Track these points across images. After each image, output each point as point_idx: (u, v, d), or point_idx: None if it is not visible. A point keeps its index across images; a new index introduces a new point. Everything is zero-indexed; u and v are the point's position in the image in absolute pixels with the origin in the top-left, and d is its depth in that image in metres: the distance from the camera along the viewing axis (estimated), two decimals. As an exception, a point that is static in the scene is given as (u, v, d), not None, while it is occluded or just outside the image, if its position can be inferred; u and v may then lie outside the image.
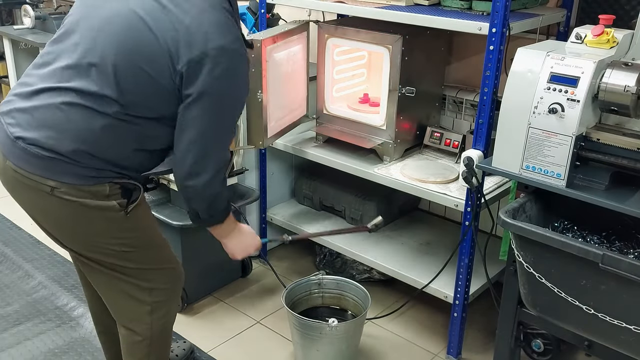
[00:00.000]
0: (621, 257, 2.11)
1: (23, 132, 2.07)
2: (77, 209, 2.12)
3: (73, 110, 2.04)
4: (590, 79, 2.26)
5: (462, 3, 3.00)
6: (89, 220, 2.16)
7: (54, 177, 2.08)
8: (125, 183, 2.19)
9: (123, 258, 2.26)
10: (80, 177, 2.09)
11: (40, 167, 2.07)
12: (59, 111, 2.05)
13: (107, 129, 2.07)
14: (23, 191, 2.18)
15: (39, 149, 2.05)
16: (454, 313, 3.08)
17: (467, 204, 2.86)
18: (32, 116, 2.07)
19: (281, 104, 3.30)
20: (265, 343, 3.32)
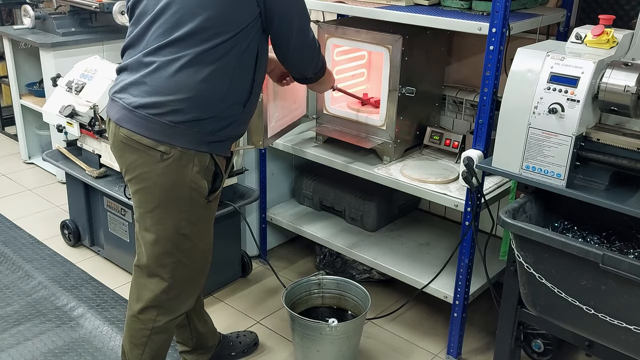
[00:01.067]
0: (621, 257, 2.11)
1: (141, 99, 2.27)
2: (174, 176, 2.33)
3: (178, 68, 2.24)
4: (590, 79, 2.26)
5: (462, 3, 3.00)
6: (179, 190, 2.35)
7: (168, 141, 2.28)
8: (218, 166, 2.43)
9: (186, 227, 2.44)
10: (194, 142, 2.31)
11: (157, 132, 2.27)
12: (164, 74, 2.24)
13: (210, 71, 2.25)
14: (131, 155, 2.36)
15: (157, 116, 2.26)
16: (454, 313, 3.08)
17: (467, 204, 2.86)
18: (145, 85, 2.27)
19: (281, 104, 3.29)
20: (265, 343, 3.32)
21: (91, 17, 4.98)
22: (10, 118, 5.94)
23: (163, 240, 2.42)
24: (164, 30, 2.26)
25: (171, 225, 2.40)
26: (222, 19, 2.23)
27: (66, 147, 4.04)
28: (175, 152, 2.29)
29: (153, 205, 2.38)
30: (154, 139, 2.28)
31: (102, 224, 3.89)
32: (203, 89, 2.25)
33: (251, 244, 3.90)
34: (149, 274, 2.50)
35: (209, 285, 3.66)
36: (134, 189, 2.43)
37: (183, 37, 2.22)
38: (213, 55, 2.24)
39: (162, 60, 2.25)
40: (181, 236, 2.43)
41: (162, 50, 2.25)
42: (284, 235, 4.17)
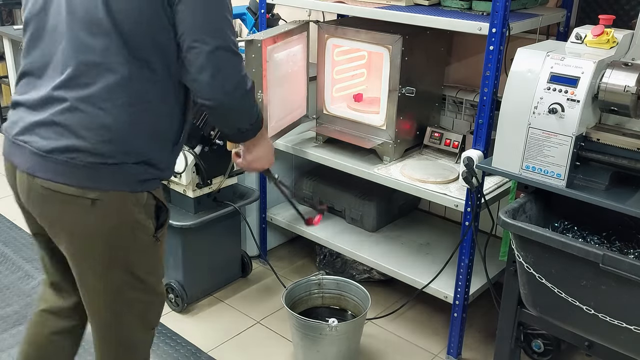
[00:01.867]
0: (621, 258, 2.11)
1: (55, 142, 1.91)
2: (117, 221, 2.00)
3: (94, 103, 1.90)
4: (590, 79, 2.26)
5: (462, 3, 2.99)
6: (122, 236, 2.04)
7: (97, 185, 1.94)
8: (159, 200, 2.11)
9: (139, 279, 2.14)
10: (125, 183, 1.98)
11: (81, 177, 1.93)
12: (79, 110, 1.90)
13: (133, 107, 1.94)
14: (54, 207, 2.00)
15: (78, 159, 1.91)
16: (454, 313, 3.08)
17: (467, 204, 2.86)
18: (58, 125, 1.91)
19: (281, 104, 3.30)
20: (265, 343, 3.32)
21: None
22: (10, 118, 5.92)
23: (115, 290, 2.12)
24: (73, 58, 1.92)
25: (119, 272, 2.09)
26: (141, 43, 1.93)
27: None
28: (108, 195, 1.95)
29: (96, 260, 2.05)
30: (79, 186, 1.93)
31: (102, 224, 3.87)
32: (126, 127, 1.94)
33: (251, 244, 3.90)
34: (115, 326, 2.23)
35: (209, 285, 3.67)
36: (66, 247, 2.07)
37: (97, 66, 1.90)
38: (135, 87, 1.94)
39: (75, 96, 1.91)
40: (134, 279, 2.12)
41: (73, 82, 1.91)
42: (284, 235, 4.17)
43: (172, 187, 3.43)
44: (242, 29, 4.40)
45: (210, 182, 3.37)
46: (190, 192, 3.35)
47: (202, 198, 3.41)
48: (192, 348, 3.23)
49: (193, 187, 3.33)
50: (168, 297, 3.52)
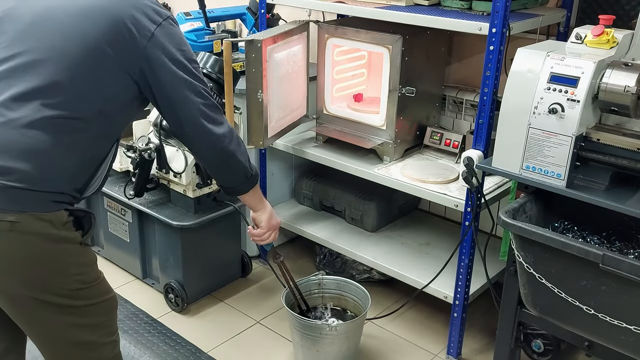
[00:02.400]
0: (621, 258, 2.11)
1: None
2: (38, 244, 1.89)
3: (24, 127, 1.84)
4: (590, 79, 2.26)
5: (462, 3, 2.99)
6: (49, 256, 1.92)
7: (14, 208, 1.83)
8: (75, 210, 2.01)
9: (75, 297, 2.01)
10: (43, 204, 1.88)
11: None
12: (7, 129, 1.84)
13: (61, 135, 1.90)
14: None
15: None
16: (454, 313, 3.08)
17: (467, 204, 2.86)
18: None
19: (281, 104, 3.30)
20: (265, 343, 3.32)
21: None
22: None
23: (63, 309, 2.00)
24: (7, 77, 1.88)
25: (58, 291, 1.97)
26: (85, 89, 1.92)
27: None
28: (28, 217, 1.85)
29: (28, 286, 1.92)
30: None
31: (102, 223, 3.88)
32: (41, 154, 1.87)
33: (251, 244, 3.90)
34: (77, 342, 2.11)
35: (209, 285, 3.67)
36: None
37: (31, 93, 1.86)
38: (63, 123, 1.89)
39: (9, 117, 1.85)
40: (76, 291, 2.01)
41: (12, 104, 1.86)
42: (284, 235, 4.17)
43: (172, 187, 3.43)
44: (242, 29, 4.40)
45: (210, 182, 3.37)
46: (190, 192, 3.35)
47: (202, 198, 3.41)
48: (192, 348, 3.23)
49: (193, 187, 3.33)
50: (168, 297, 3.53)
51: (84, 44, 1.92)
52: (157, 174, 3.43)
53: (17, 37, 1.93)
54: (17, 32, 1.93)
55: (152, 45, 1.99)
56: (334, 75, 3.50)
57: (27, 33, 1.93)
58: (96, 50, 1.92)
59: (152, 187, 3.43)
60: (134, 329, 3.35)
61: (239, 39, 3.86)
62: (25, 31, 1.93)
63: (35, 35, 1.92)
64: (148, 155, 3.22)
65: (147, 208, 3.46)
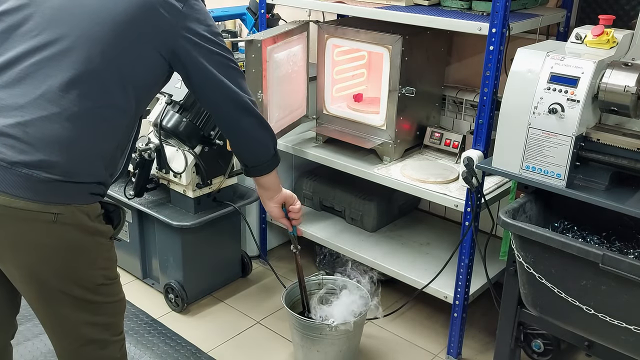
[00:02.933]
0: (621, 258, 2.11)
1: (19, 155, 1.83)
2: (77, 235, 1.94)
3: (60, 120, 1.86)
4: (590, 79, 2.26)
5: (462, 3, 3.00)
6: (84, 248, 1.98)
7: (58, 200, 1.88)
8: (106, 204, 2.07)
9: (97, 292, 2.06)
10: (83, 196, 1.93)
11: (43, 193, 1.86)
12: (50, 122, 1.85)
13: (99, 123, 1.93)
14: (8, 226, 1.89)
15: (42, 172, 1.83)
16: (454, 313, 3.08)
17: (467, 204, 2.86)
18: (25, 134, 1.84)
19: (281, 104, 3.30)
20: (265, 343, 3.32)
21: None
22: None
23: (85, 302, 2.04)
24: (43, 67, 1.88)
25: (86, 284, 2.02)
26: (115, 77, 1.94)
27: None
28: (69, 208, 1.89)
29: (58, 277, 1.97)
30: (41, 201, 1.86)
31: (102, 224, 3.87)
32: (82, 146, 1.90)
33: (251, 244, 3.90)
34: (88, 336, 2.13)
35: (209, 285, 3.68)
36: (23, 273, 1.97)
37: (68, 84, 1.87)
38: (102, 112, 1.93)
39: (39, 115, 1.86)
40: (100, 287, 2.05)
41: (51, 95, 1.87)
42: (284, 236, 4.17)
43: (172, 187, 3.43)
44: (242, 29, 4.40)
45: (210, 182, 3.37)
46: (190, 192, 3.35)
47: (202, 198, 3.41)
48: (192, 348, 3.23)
49: (193, 187, 3.33)
50: (168, 297, 3.53)
51: (114, 27, 1.92)
52: (157, 174, 3.42)
53: (47, 23, 1.92)
54: (46, 18, 1.92)
55: (181, 22, 2.00)
56: (334, 75, 3.50)
57: (56, 19, 1.92)
58: (127, 32, 1.94)
59: (152, 187, 3.43)
60: (134, 329, 3.35)
61: (239, 39, 3.86)
62: (55, 17, 1.92)
63: (65, 21, 1.91)
64: (148, 155, 3.22)
65: (147, 208, 3.46)
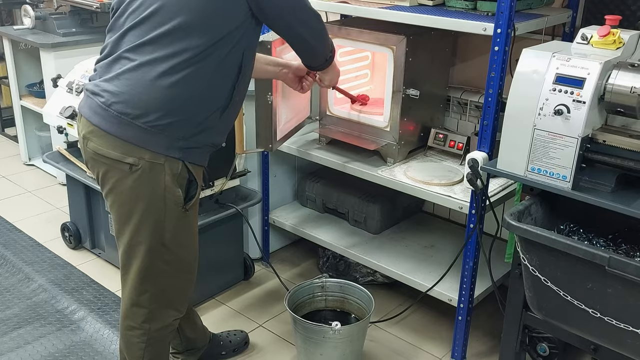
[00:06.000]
0: (628, 260, 2.10)
1: (113, 98, 2.19)
2: (150, 187, 2.26)
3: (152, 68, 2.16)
4: (596, 80, 2.24)
5: (466, 3, 2.98)
6: (153, 202, 2.29)
7: (138, 143, 2.20)
8: (191, 173, 2.33)
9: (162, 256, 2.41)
10: (165, 146, 2.22)
11: (127, 134, 2.20)
12: (140, 73, 2.17)
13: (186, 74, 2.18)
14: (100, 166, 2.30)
15: (129, 117, 2.18)
16: (458, 316, 3.06)
17: (471, 206, 2.84)
18: (120, 83, 2.19)
19: (289, 106, 3.28)
20: (268, 347, 3.30)
21: (92, 17, 4.97)
22: (10, 119, 5.92)
23: (144, 253, 2.37)
24: (142, 25, 2.19)
25: (150, 237, 2.34)
26: (205, 21, 2.16)
27: (67, 149, 4.03)
28: (144, 162, 2.23)
29: (129, 218, 2.33)
30: (121, 151, 2.23)
31: (103, 226, 3.87)
32: (176, 92, 2.18)
33: (254, 246, 3.88)
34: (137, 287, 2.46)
35: (211, 288, 3.66)
36: (110, 203, 2.38)
37: (161, 35, 2.15)
38: (191, 58, 2.17)
39: (138, 60, 2.18)
40: (162, 247, 2.38)
41: (139, 49, 2.18)
42: (286, 238, 4.15)
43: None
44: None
45: (212, 183, 3.36)
46: (192, 194, 3.33)
47: (204, 200, 3.39)
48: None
49: (195, 189, 3.32)
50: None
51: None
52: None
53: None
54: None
55: None
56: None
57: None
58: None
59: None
60: (136, 332, 3.33)
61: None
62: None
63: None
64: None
65: (148, 210, 3.44)
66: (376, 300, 3.13)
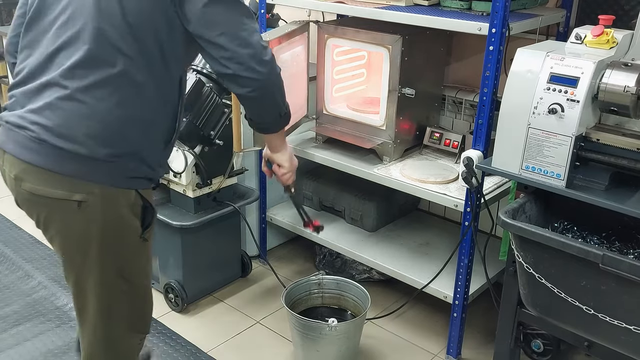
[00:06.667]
0: (621, 258, 2.11)
1: (46, 131, 1.91)
2: (103, 223, 2.01)
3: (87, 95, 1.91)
4: (590, 80, 2.26)
5: (461, 3, 3.00)
6: (111, 238, 2.05)
7: (84, 177, 1.95)
8: (145, 200, 2.11)
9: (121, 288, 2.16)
10: (114, 178, 1.99)
11: (69, 168, 1.94)
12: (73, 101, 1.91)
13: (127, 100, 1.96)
14: (41, 208, 2.04)
15: (69, 149, 1.92)
16: (453, 313, 3.08)
17: (466, 204, 2.86)
18: (54, 112, 1.92)
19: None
20: (265, 343, 3.32)
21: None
22: (9, 118, 5.90)
23: (102, 289, 2.12)
24: (72, 46, 1.93)
25: (107, 273, 2.10)
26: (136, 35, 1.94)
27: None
28: (94, 197, 1.96)
29: (84, 259, 2.06)
30: (66, 189, 1.94)
31: (102, 224, 3.88)
32: (118, 119, 1.95)
33: (251, 244, 3.90)
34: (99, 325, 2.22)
35: (209, 285, 3.67)
36: (57, 247, 2.11)
37: (94, 57, 1.92)
38: (130, 81, 1.95)
39: (71, 87, 1.92)
40: (120, 279, 2.13)
41: (71, 73, 1.92)
42: (283, 235, 4.17)
43: (172, 187, 3.43)
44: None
45: (210, 182, 3.37)
46: (190, 192, 3.35)
47: (202, 198, 3.41)
48: (191, 348, 3.23)
49: (193, 187, 3.33)
50: (168, 297, 3.53)
51: None
52: (157, 174, 3.42)
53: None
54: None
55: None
56: (334, 75, 3.50)
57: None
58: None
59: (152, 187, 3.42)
60: (134, 329, 3.35)
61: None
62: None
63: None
64: (148, 156, 3.22)
65: (147, 208, 3.45)
66: (372, 297, 3.14)
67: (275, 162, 2.59)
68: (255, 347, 3.29)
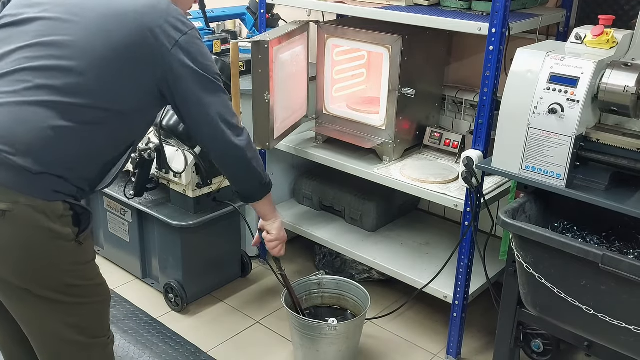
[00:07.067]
0: (621, 258, 2.11)
1: None
2: (30, 233, 1.91)
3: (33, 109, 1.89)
4: (590, 80, 2.26)
5: (461, 3, 3.00)
6: (41, 248, 1.94)
7: (13, 190, 1.87)
8: (76, 205, 2.00)
9: (67, 293, 2.04)
10: (39, 190, 1.90)
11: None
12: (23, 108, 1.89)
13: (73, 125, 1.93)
14: None
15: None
16: (453, 313, 3.08)
17: (466, 204, 2.86)
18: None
19: (285, 104, 3.30)
20: (265, 343, 3.32)
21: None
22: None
23: (50, 302, 2.01)
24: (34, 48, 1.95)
25: (48, 285, 1.99)
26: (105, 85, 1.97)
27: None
28: (19, 207, 1.87)
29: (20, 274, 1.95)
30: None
31: (102, 223, 3.88)
32: (61, 140, 1.92)
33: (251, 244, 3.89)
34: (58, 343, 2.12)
35: (209, 285, 3.68)
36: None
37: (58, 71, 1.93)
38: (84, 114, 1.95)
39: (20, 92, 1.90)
40: (66, 287, 2.02)
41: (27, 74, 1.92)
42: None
43: (172, 187, 3.43)
44: (242, 29, 4.40)
45: (210, 182, 3.37)
46: (190, 192, 3.35)
47: (202, 198, 3.41)
48: (191, 348, 3.23)
49: (193, 187, 3.33)
50: (168, 297, 3.53)
51: (108, 43, 1.96)
52: (157, 174, 3.42)
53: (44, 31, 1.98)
54: (43, 26, 1.99)
55: (176, 51, 2.04)
56: (334, 75, 3.50)
57: (53, 27, 1.98)
58: (120, 51, 1.97)
59: (152, 187, 3.43)
60: (134, 329, 3.35)
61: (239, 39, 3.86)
62: (52, 26, 1.98)
63: (61, 30, 1.97)
64: (148, 155, 3.22)
65: (147, 208, 3.46)
66: (372, 297, 3.14)
67: (265, 230, 2.77)
68: (255, 347, 3.29)
